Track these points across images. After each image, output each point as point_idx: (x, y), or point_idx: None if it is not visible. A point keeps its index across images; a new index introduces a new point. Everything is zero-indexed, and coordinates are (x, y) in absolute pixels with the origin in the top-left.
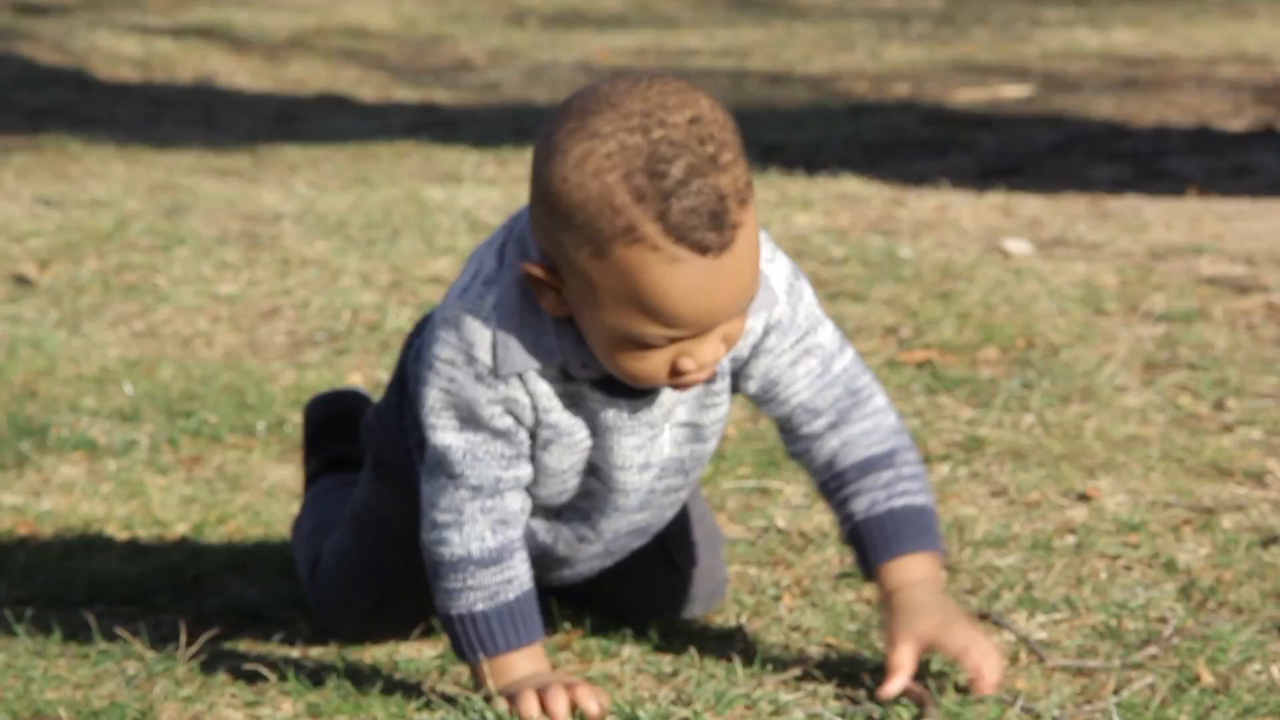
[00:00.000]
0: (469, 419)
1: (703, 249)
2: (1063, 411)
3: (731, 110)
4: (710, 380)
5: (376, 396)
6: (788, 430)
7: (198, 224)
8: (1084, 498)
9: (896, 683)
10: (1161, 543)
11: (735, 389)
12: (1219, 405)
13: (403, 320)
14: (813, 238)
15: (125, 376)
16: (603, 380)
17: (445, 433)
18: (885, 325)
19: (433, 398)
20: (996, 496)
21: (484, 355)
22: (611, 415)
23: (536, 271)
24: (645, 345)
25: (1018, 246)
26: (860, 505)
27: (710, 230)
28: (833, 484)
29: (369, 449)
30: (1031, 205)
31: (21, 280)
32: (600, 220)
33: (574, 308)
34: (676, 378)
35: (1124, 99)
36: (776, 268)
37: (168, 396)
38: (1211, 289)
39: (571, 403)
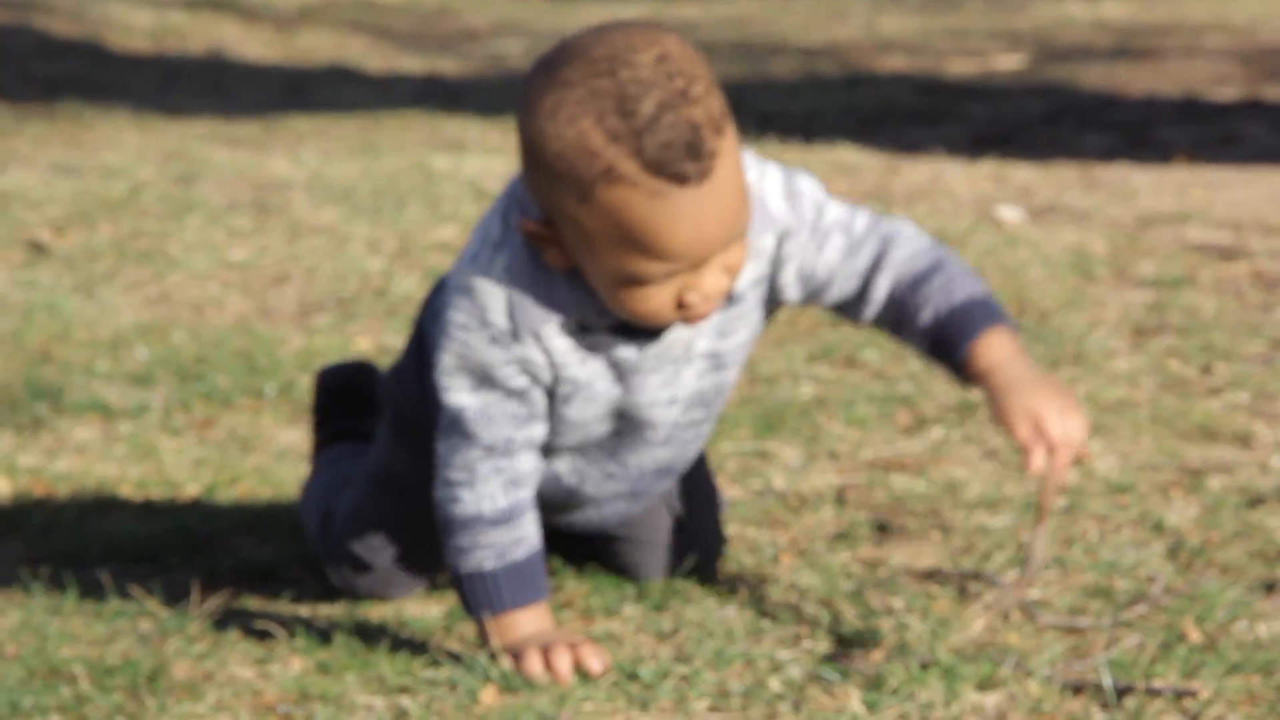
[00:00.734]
0: (484, 380)
1: (682, 179)
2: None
3: (730, 81)
4: (728, 305)
5: (383, 361)
6: (847, 306)
7: (209, 192)
8: (1075, 460)
9: (1038, 456)
10: (1150, 504)
11: (774, 308)
12: (1206, 369)
13: (409, 286)
14: None
15: (138, 341)
16: (621, 325)
17: (459, 394)
18: None
19: (446, 361)
20: (989, 459)
21: (498, 318)
22: (634, 357)
23: (534, 227)
24: (645, 283)
25: (1010, 214)
26: (926, 316)
27: (688, 160)
28: (898, 316)
29: (388, 408)
30: (1023, 174)
31: (37, 247)
32: (580, 165)
33: (576, 258)
34: (683, 312)
35: (1114, 70)
36: (769, 182)
37: (180, 360)
38: (1199, 255)
39: (590, 355)
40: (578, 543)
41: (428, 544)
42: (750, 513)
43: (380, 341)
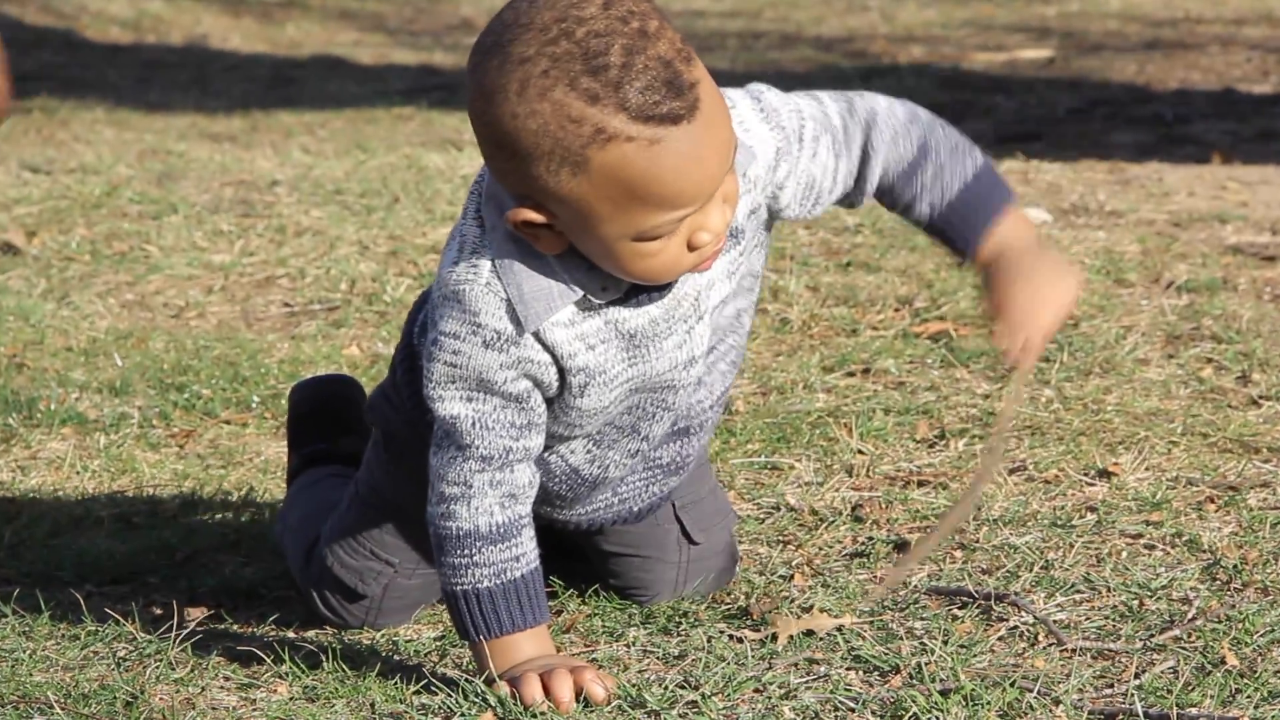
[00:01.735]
0: (478, 387)
1: (675, 119)
2: (1083, 385)
3: (739, 73)
4: (731, 244)
5: (374, 368)
6: (846, 199)
7: (190, 191)
8: (1104, 474)
9: (1012, 358)
10: (1185, 521)
11: (771, 224)
12: (1244, 378)
13: (401, 291)
14: None
15: (115, 348)
16: (626, 295)
17: (452, 403)
18: (899, 296)
19: (438, 372)
20: (1014, 473)
21: (493, 321)
22: (646, 324)
23: (526, 215)
24: (656, 236)
25: (1036, 215)
26: (922, 210)
27: (674, 98)
28: (892, 202)
29: (378, 427)
30: (1050, 172)
31: (9, 249)
32: (566, 137)
33: (573, 236)
34: (696, 255)
35: (1146, 61)
36: (742, 109)
37: (159, 369)
38: (1236, 258)
39: (598, 338)
40: (579, 561)
41: (419, 571)
42: (762, 530)
43: (371, 349)
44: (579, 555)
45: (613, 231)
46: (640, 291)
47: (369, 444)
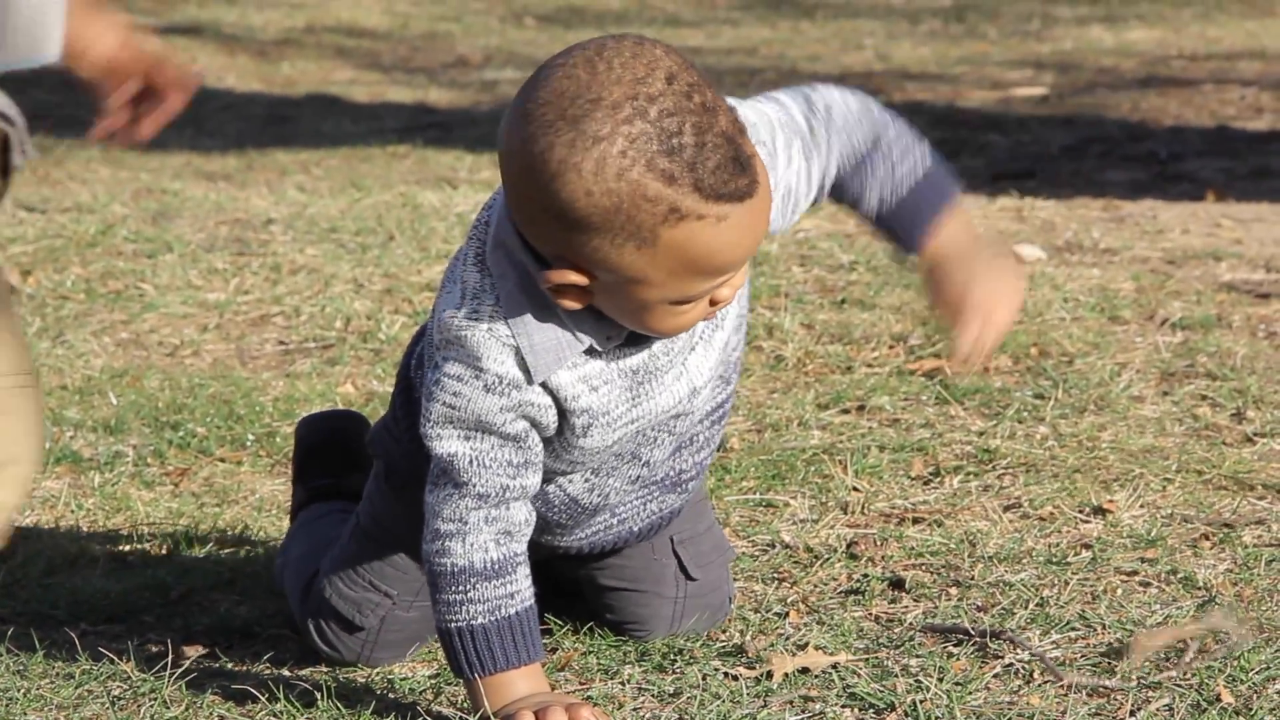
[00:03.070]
0: (476, 427)
1: (740, 197)
2: (1077, 422)
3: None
4: None
5: (369, 406)
6: (821, 200)
7: (185, 229)
8: (1099, 511)
9: (963, 345)
10: (1180, 558)
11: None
12: (1239, 415)
13: (396, 329)
14: (819, 242)
15: (110, 387)
16: (626, 340)
17: (449, 441)
18: (894, 333)
19: (436, 412)
20: (1009, 510)
21: (496, 366)
22: (646, 358)
23: (570, 278)
24: (694, 299)
25: (1031, 252)
26: (872, 204)
27: (739, 176)
28: (842, 193)
29: (379, 460)
30: (1045, 209)
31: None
32: (640, 215)
33: (608, 297)
34: (714, 309)
35: (1140, 99)
36: None
37: (154, 408)
38: (1230, 295)
39: (600, 379)
40: (575, 599)
41: (415, 604)
42: (757, 567)
43: (366, 387)
44: (575, 592)
45: (655, 296)
46: (641, 337)
47: (370, 475)
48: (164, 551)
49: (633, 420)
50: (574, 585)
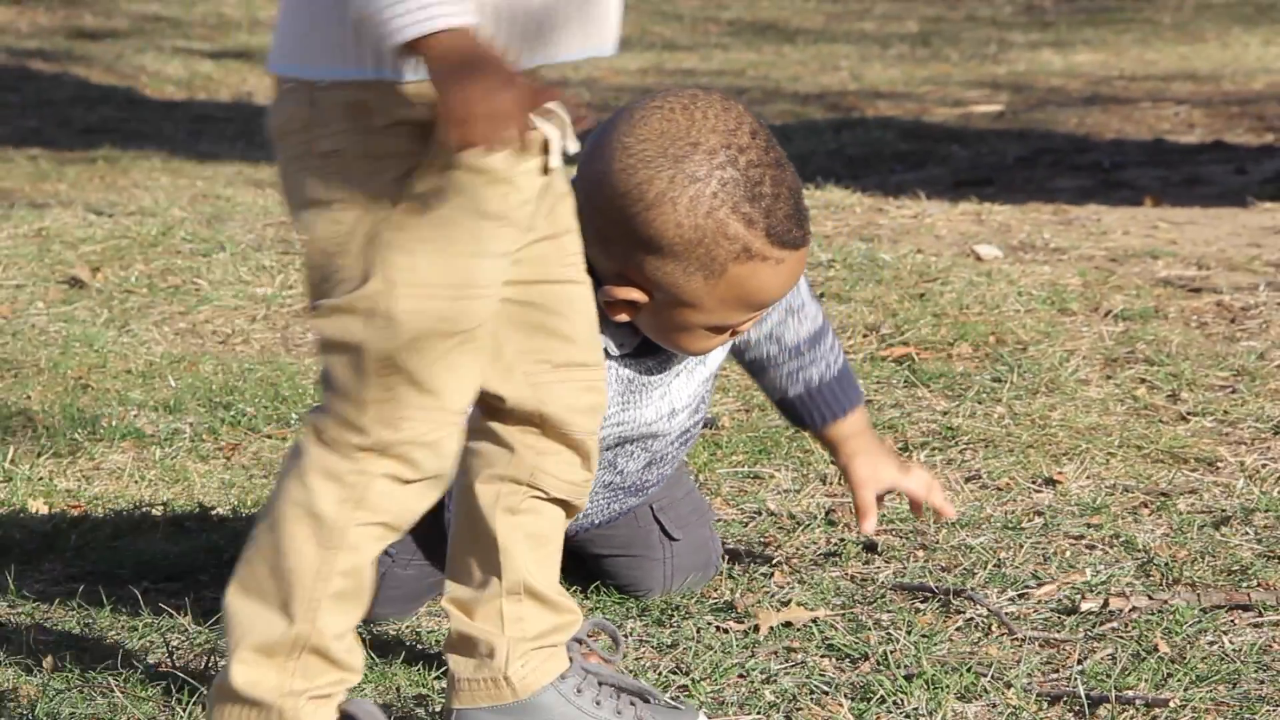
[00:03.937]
0: None
1: (797, 245)
2: (1030, 403)
3: None
4: None
5: None
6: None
7: (236, 231)
8: (1050, 482)
9: (871, 521)
10: (1122, 524)
11: None
12: (1174, 397)
13: None
14: None
15: (170, 371)
16: (632, 351)
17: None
18: (867, 324)
19: None
20: (970, 481)
21: None
22: (640, 374)
23: (632, 295)
24: (727, 328)
25: (988, 251)
26: (794, 385)
27: (799, 228)
28: (757, 368)
29: None
30: (1001, 213)
31: (75, 282)
32: (717, 249)
33: (650, 314)
34: (731, 339)
35: (1085, 115)
36: None
37: (209, 390)
38: (1166, 290)
39: None
40: (580, 563)
41: (417, 556)
42: (745, 532)
43: None
44: (576, 567)
45: (700, 320)
46: (646, 351)
47: None
48: (218, 518)
49: (619, 424)
50: (574, 558)
